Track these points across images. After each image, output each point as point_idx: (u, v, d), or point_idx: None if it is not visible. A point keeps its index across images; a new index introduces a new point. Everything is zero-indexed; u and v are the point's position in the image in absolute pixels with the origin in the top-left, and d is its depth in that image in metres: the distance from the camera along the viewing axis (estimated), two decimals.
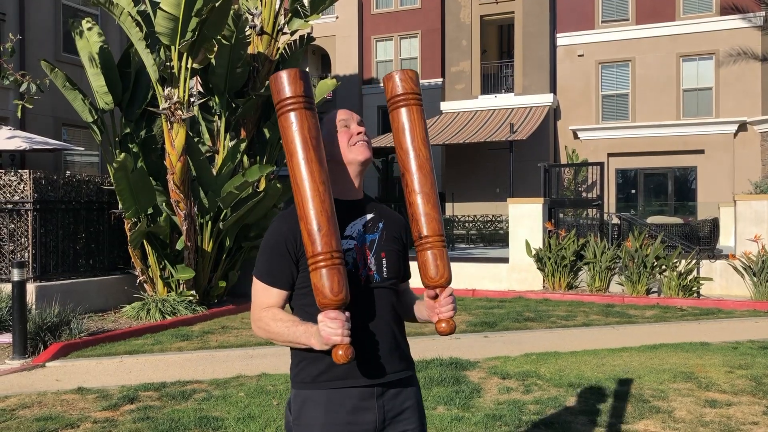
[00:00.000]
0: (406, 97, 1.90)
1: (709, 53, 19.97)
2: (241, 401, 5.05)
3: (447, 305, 1.81)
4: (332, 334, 1.64)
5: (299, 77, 1.77)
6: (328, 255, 1.70)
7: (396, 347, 1.90)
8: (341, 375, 1.81)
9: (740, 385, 5.37)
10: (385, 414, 1.85)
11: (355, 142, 1.90)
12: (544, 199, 12.52)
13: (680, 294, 10.60)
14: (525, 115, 20.31)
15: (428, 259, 1.83)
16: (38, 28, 14.67)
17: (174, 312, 9.01)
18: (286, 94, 1.78)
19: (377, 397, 1.84)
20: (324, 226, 1.72)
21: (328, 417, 1.81)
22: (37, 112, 14.09)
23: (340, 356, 1.65)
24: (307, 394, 1.85)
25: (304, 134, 1.76)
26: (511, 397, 5.09)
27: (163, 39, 8.92)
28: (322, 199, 1.73)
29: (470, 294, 11.65)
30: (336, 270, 1.70)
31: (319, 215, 1.72)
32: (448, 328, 1.80)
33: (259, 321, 1.84)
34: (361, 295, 1.83)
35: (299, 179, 1.75)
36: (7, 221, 8.88)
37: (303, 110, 1.77)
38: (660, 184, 20.99)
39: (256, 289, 1.88)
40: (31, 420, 4.66)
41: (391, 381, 1.87)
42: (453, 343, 7.36)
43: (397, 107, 1.91)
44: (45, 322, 7.15)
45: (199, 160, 9.70)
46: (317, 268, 1.70)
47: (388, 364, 1.87)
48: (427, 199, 1.86)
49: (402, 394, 1.90)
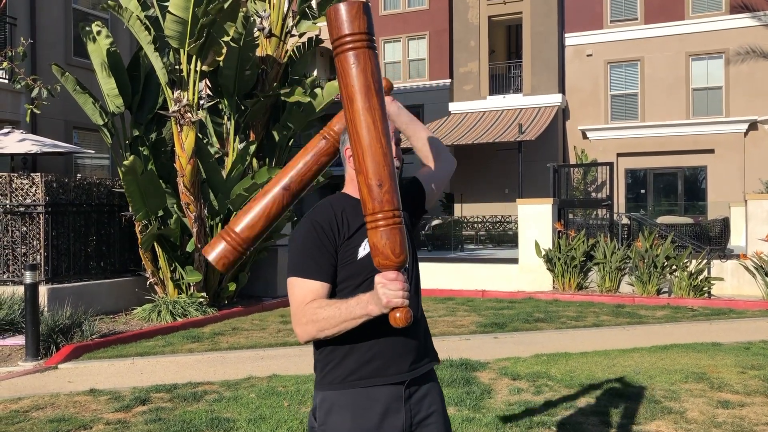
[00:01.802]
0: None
1: (718, 52, 19.86)
2: (252, 402, 5.07)
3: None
4: (393, 296, 1.59)
5: (362, 11, 1.59)
6: (390, 213, 1.60)
7: (424, 340, 1.92)
8: (371, 374, 1.81)
9: (753, 386, 5.34)
10: (412, 418, 1.87)
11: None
12: (553, 200, 12.49)
13: (691, 294, 10.55)
14: (534, 116, 20.27)
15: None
16: (49, 32, 14.76)
17: (185, 314, 9.05)
18: (345, 31, 1.59)
19: (405, 400, 1.85)
20: (386, 182, 1.60)
21: (356, 423, 1.80)
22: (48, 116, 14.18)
23: (399, 319, 1.58)
24: (334, 398, 1.84)
25: (367, 78, 1.60)
26: (522, 398, 5.08)
27: (172, 42, 8.97)
28: (384, 152, 1.61)
29: (480, 295, 11.64)
30: (398, 229, 1.61)
31: (380, 169, 1.60)
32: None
33: (304, 316, 1.77)
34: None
35: (359, 129, 1.61)
36: (20, 224, 8.94)
37: (366, 50, 1.60)
38: (670, 184, 20.88)
39: (293, 290, 1.82)
40: (44, 421, 4.69)
41: (415, 379, 1.88)
42: (463, 344, 7.36)
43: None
44: (57, 324, 7.19)
45: (209, 162, 9.74)
46: (377, 227, 1.60)
47: (415, 360, 1.88)
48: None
49: (428, 398, 1.92)
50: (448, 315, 9.50)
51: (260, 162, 10.82)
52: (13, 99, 13.79)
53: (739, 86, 19.62)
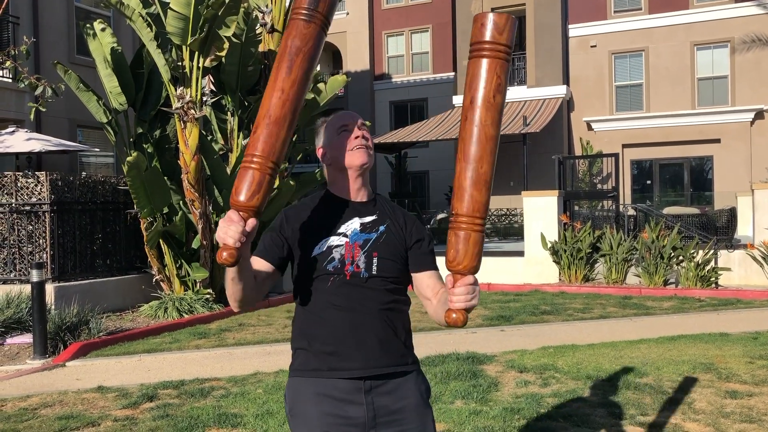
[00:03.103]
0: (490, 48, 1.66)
1: (724, 41, 19.74)
2: (259, 398, 5.08)
3: (461, 294, 1.64)
4: (221, 234, 1.64)
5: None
6: (250, 157, 1.68)
7: (384, 342, 1.89)
8: (329, 366, 1.87)
9: (761, 376, 5.32)
10: (375, 411, 1.86)
11: (353, 147, 1.94)
12: (558, 192, 12.45)
13: (698, 284, 10.51)
14: (538, 108, 20.21)
15: (451, 240, 1.67)
16: (52, 30, 14.78)
17: (191, 310, 9.06)
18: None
19: (365, 393, 1.86)
20: (262, 128, 1.68)
21: (318, 408, 1.86)
22: (52, 114, 14.21)
23: (220, 256, 1.63)
24: (297, 385, 1.91)
25: (287, 44, 1.74)
26: (529, 391, 5.07)
27: (174, 39, 8.96)
28: (281, 100, 1.69)
29: (486, 288, 11.63)
30: (250, 172, 1.68)
31: (271, 111, 1.69)
32: (455, 320, 1.63)
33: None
34: (346, 290, 1.88)
35: (273, 78, 1.72)
36: (26, 223, 8.97)
37: (300, 21, 1.75)
38: (676, 175, 20.81)
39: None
40: (52, 419, 4.71)
41: (378, 375, 1.87)
42: (469, 338, 7.35)
43: (475, 56, 1.70)
44: (64, 322, 7.22)
45: (213, 158, 9.74)
46: (244, 166, 1.69)
47: (374, 359, 1.87)
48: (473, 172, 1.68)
49: (397, 392, 1.89)
50: None
51: None
52: (17, 98, 13.82)
53: (744, 75, 19.50)
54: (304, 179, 11.00)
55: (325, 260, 1.88)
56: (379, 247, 1.92)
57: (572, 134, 21.43)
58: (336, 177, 1.98)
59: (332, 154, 1.96)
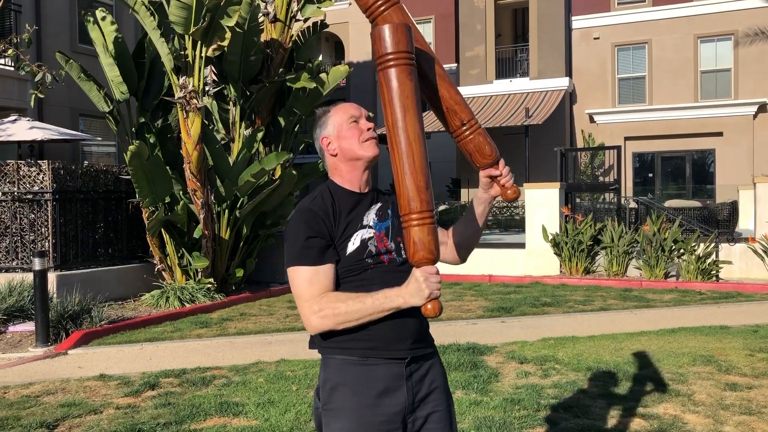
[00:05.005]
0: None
1: (727, 34, 19.66)
2: (260, 387, 5.10)
3: (508, 174, 2.00)
4: (435, 288, 1.73)
5: (404, 32, 1.78)
6: (430, 213, 1.77)
7: (418, 322, 1.93)
8: (369, 354, 1.86)
9: (761, 369, 5.33)
10: (414, 396, 1.90)
11: (365, 138, 1.94)
12: (560, 184, 12.44)
13: (699, 278, 10.52)
14: (540, 100, 20.15)
15: (480, 142, 1.97)
16: (53, 19, 14.74)
17: (193, 300, 9.09)
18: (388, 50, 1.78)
19: (406, 379, 1.88)
20: (429, 185, 1.79)
21: (358, 400, 1.84)
22: (54, 103, 14.20)
23: (431, 310, 1.74)
24: (337, 378, 1.86)
25: (416, 90, 1.79)
26: (530, 382, 5.09)
27: (177, 28, 8.93)
28: (427, 160, 1.79)
29: (487, 279, 11.64)
30: (435, 228, 1.79)
31: (426, 173, 1.78)
32: (515, 192, 1.98)
33: (321, 311, 1.80)
34: (387, 277, 1.87)
35: (412, 134, 1.77)
36: (28, 211, 8.98)
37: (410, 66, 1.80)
38: (678, 168, 20.77)
39: (299, 281, 1.84)
40: (55, 406, 4.74)
41: (417, 356, 1.92)
42: (470, 329, 7.37)
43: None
44: (66, 311, 7.24)
45: (215, 148, 9.73)
46: (424, 224, 1.75)
47: (414, 341, 1.91)
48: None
49: (429, 375, 1.95)
50: (455, 300, 9.51)
51: (267, 148, 10.81)
52: (19, 87, 13.80)
53: (748, 68, 19.44)
54: (306, 170, 10.99)
55: (363, 254, 1.87)
56: (399, 231, 1.93)
57: (574, 126, 21.39)
58: (341, 168, 1.95)
59: (341, 145, 1.94)
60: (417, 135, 1.78)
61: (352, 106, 1.99)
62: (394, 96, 1.77)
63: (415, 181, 1.76)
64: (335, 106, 2.01)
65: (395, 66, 1.77)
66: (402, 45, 1.77)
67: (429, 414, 1.92)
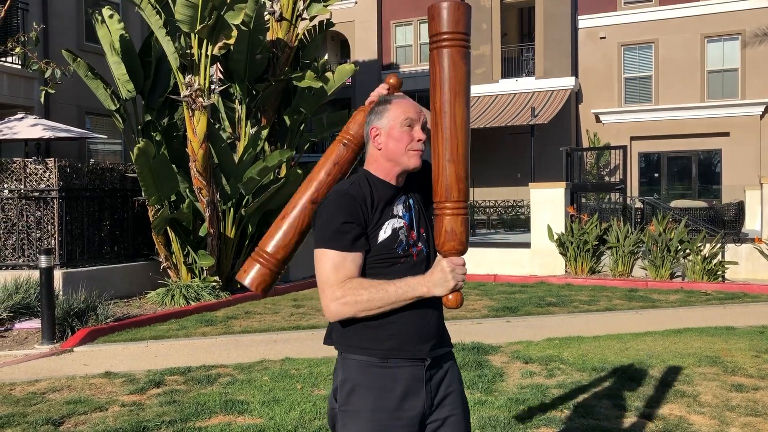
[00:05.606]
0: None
1: (734, 34, 19.58)
2: (265, 385, 5.10)
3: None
4: (461, 279, 1.75)
5: (464, 12, 1.74)
6: (465, 204, 1.76)
7: (440, 320, 1.93)
8: (388, 354, 1.83)
9: (767, 370, 5.31)
10: (432, 399, 1.88)
11: (413, 149, 1.88)
12: (566, 184, 12.42)
13: (705, 278, 10.49)
14: (546, 99, 20.11)
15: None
16: (61, 17, 14.78)
17: (198, 298, 9.10)
18: (444, 28, 1.74)
19: (426, 382, 1.86)
20: (468, 176, 1.78)
21: (378, 403, 1.81)
22: (61, 101, 14.24)
23: (453, 300, 1.75)
24: (357, 379, 1.83)
25: (468, 74, 1.76)
26: (534, 381, 5.08)
27: (183, 26, 8.94)
28: (469, 149, 1.79)
29: (492, 279, 11.63)
30: (468, 220, 1.80)
31: (467, 163, 1.76)
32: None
33: (343, 297, 1.76)
34: (416, 270, 1.85)
35: (459, 121, 1.74)
36: (34, 209, 9.01)
37: (464, 48, 1.76)
38: (684, 168, 20.70)
39: (325, 264, 1.79)
40: (61, 403, 4.75)
41: (437, 356, 1.91)
42: (475, 328, 7.37)
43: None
44: (72, 308, 7.27)
45: (221, 146, 9.75)
46: (459, 214, 1.76)
47: (435, 342, 1.90)
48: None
49: (446, 378, 1.93)
50: None
51: (272, 147, 10.82)
52: (26, 85, 13.85)
53: (755, 68, 19.35)
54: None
55: (394, 243, 1.83)
56: (422, 222, 1.93)
57: (580, 126, 21.34)
58: (381, 163, 1.89)
59: (387, 143, 1.88)
60: (463, 122, 1.75)
61: (414, 107, 1.91)
62: (445, 78, 1.73)
63: (456, 171, 1.74)
64: (397, 98, 1.93)
65: (450, 47, 1.73)
66: (460, 25, 1.73)
67: (446, 417, 1.91)
